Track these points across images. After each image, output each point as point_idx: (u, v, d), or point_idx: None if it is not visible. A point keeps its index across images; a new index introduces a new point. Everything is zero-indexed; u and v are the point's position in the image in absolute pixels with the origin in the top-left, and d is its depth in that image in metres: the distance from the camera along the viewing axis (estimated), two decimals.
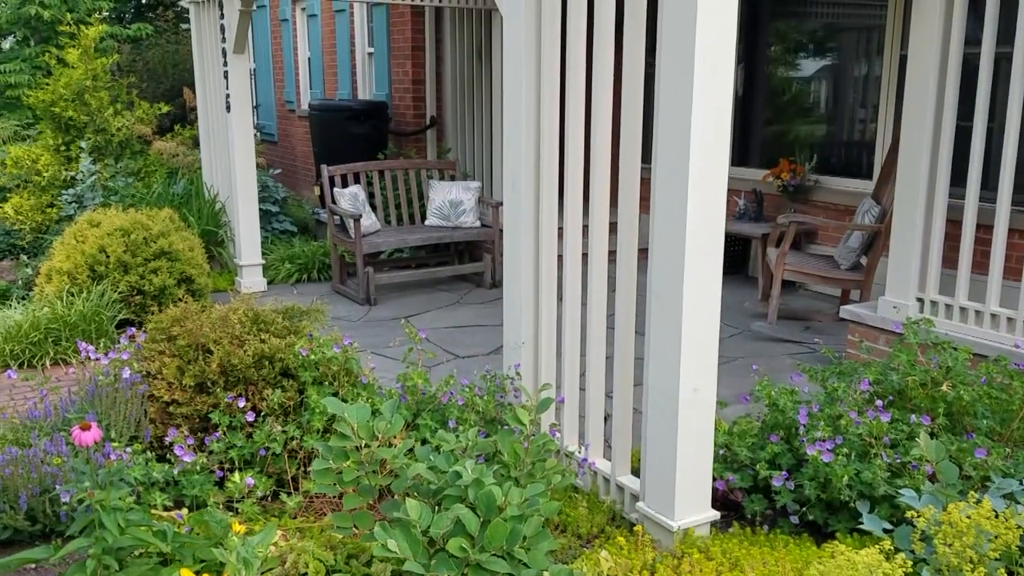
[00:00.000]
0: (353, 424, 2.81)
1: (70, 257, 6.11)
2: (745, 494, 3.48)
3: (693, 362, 3.05)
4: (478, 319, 6.67)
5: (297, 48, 12.58)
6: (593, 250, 3.52)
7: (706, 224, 2.96)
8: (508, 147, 3.81)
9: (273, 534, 2.42)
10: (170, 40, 13.21)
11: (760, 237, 6.94)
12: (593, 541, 3.35)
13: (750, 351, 5.68)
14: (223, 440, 3.70)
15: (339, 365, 4.00)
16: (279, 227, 9.20)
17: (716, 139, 2.91)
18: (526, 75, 3.63)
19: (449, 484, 2.70)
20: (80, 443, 2.67)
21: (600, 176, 3.46)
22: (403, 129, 9.54)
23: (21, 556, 2.98)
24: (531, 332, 3.89)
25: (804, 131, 7.55)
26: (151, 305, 6.08)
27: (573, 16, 3.49)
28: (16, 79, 12.07)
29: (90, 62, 9.10)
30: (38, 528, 3.45)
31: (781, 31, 7.68)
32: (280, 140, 13.48)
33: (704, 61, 2.82)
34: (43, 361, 5.55)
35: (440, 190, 7.76)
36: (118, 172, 8.89)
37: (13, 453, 3.46)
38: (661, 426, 3.16)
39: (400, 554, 2.42)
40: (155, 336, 4.07)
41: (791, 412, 3.53)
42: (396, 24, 9.50)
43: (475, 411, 3.87)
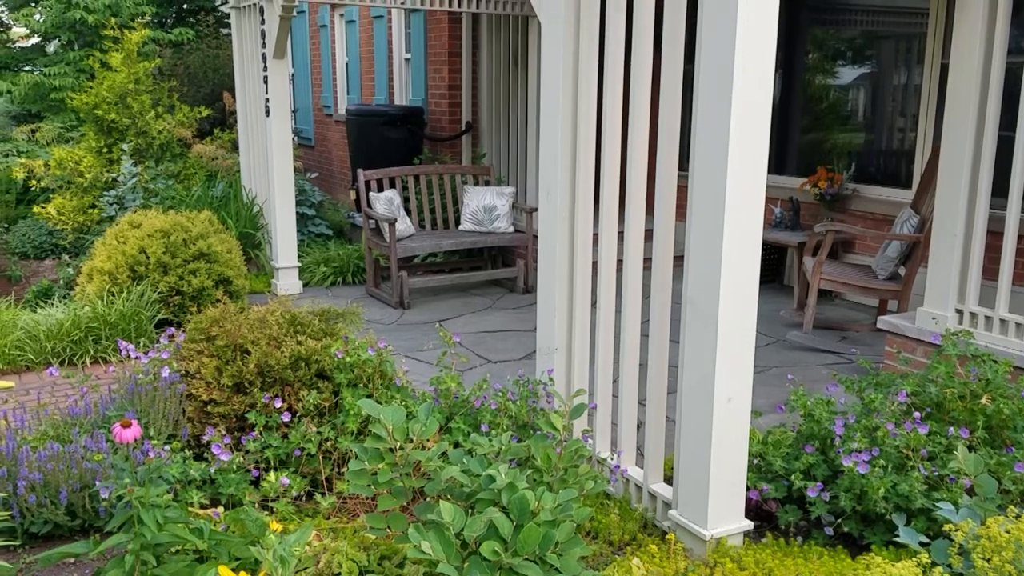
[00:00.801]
0: (388, 426, 2.83)
1: (111, 257, 6.21)
2: (779, 504, 3.45)
3: (728, 370, 3.04)
4: (510, 324, 6.68)
5: (335, 53, 12.70)
6: (628, 257, 3.52)
7: (743, 232, 2.95)
8: (544, 153, 3.82)
9: (309, 533, 2.44)
10: (211, 45, 13.39)
11: (796, 246, 6.88)
12: (625, 548, 3.34)
13: (785, 360, 5.64)
14: (259, 440, 3.74)
15: (374, 368, 4.04)
16: (315, 230, 9.29)
17: (754, 146, 2.90)
18: (563, 81, 3.64)
19: (482, 488, 2.71)
20: (120, 440, 2.71)
21: (636, 182, 3.46)
22: (438, 134, 9.59)
23: (61, 550, 3.04)
24: (564, 338, 3.89)
25: (842, 139, 7.48)
26: (189, 306, 6.17)
27: (611, 23, 3.50)
28: (60, 82, 12.29)
29: (132, 66, 9.26)
30: (77, 523, 3.51)
31: (819, 38, 7.63)
32: (317, 144, 13.61)
33: (743, 68, 2.81)
34: (84, 359, 5.65)
35: (474, 195, 7.79)
36: (158, 174, 9.03)
37: (54, 449, 3.53)
38: (695, 434, 3.15)
39: (433, 556, 2.43)
40: (194, 336, 4.13)
41: (827, 422, 3.50)
42: (433, 30, 9.56)
43: (508, 416, 3.88)
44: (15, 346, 5.58)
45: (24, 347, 5.60)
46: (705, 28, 2.90)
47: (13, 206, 10.34)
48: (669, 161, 3.28)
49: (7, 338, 5.58)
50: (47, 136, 12.02)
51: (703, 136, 2.95)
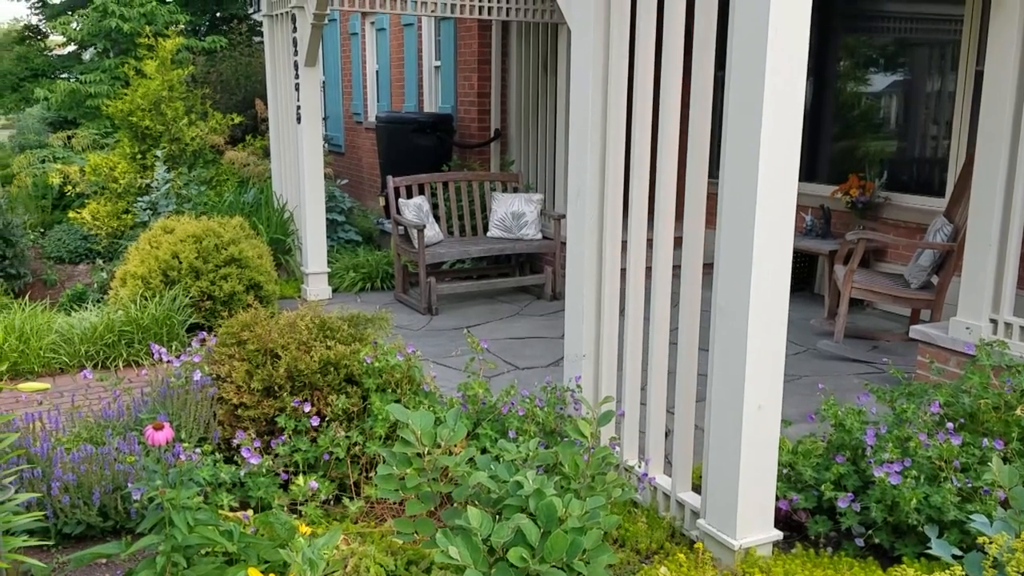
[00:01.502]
0: (417, 431, 2.84)
1: (144, 262, 6.29)
2: (809, 515, 3.42)
3: (758, 379, 3.02)
4: (538, 331, 6.68)
5: (366, 61, 12.80)
6: (657, 264, 3.51)
7: (774, 239, 2.93)
8: (573, 159, 3.82)
9: (337, 537, 2.46)
10: (243, 52, 13.55)
11: (827, 254, 6.82)
12: (652, 557, 3.33)
13: (815, 369, 5.59)
14: (288, 444, 3.77)
15: (402, 373, 4.05)
16: (344, 236, 9.35)
17: (786, 154, 2.89)
18: (593, 88, 3.65)
19: (510, 494, 2.71)
20: (153, 442, 2.75)
21: (666, 190, 3.45)
22: (467, 141, 9.62)
23: (94, 551, 3.08)
24: (592, 345, 3.89)
25: (874, 147, 7.41)
26: (220, 310, 6.24)
27: (642, 29, 3.50)
28: (96, 89, 12.49)
29: (166, 73, 9.39)
30: (109, 524, 3.55)
31: (851, 45, 7.57)
32: (347, 151, 13.71)
33: (775, 75, 2.80)
34: (116, 362, 5.73)
35: (503, 202, 7.81)
36: (191, 180, 9.14)
37: (88, 450, 3.58)
38: (724, 443, 3.13)
39: (461, 561, 2.44)
40: (225, 340, 4.18)
41: (858, 432, 3.46)
42: (463, 38, 9.61)
43: (535, 422, 3.88)
44: (50, 349, 5.67)
45: (58, 350, 5.68)
46: (736, 34, 2.89)
47: (49, 211, 10.51)
48: (699, 168, 3.27)
49: (42, 341, 5.66)
50: (83, 142, 12.21)
51: (733, 143, 2.94)
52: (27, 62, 14.88)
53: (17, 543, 2.84)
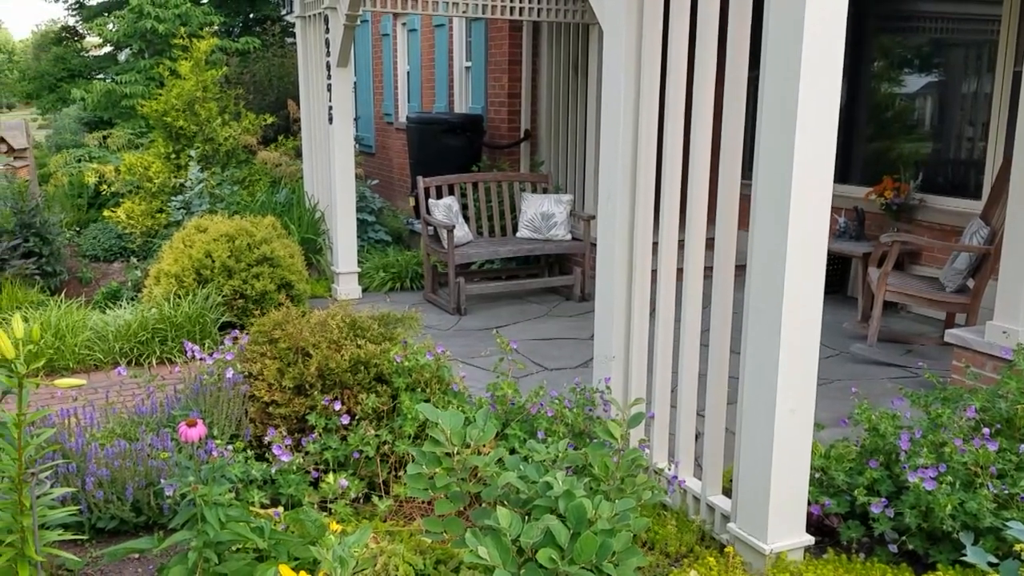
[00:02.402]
0: (446, 431, 2.85)
1: (178, 261, 6.36)
2: (841, 520, 3.38)
3: (791, 382, 2.99)
4: (567, 332, 6.67)
5: (397, 62, 12.85)
6: (689, 265, 3.49)
7: (808, 241, 2.91)
8: (604, 160, 3.81)
9: (367, 535, 2.47)
10: (276, 53, 13.66)
11: (861, 256, 6.75)
12: (682, 560, 3.31)
13: (848, 373, 5.52)
14: (319, 441, 3.79)
15: (431, 372, 4.06)
16: (374, 236, 9.39)
17: (820, 155, 2.86)
18: (625, 89, 3.63)
19: (539, 494, 2.71)
20: (186, 439, 2.77)
21: (698, 191, 3.43)
22: (497, 142, 9.63)
23: (127, 546, 3.11)
24: (622, 346, 3.87)
25: (908, 148, 7.32)
26: (252, 309, 6.29)
27: (674, 29, 3.48)
28: (131, 89, 12.65)
29: (200, 74, 9.48)
30: (142, 519, 3.60)
31: (886, 46, 7.48)
32: (377, 152, 13.77)
33: (810, 75, 2.77)
34: (150, 359, 5.79)
35: (532, 203, 7.80)
36: (224, 180, 9.23)
37: (122, 446, 3.62)
38: (755, 446, 3.10)
39: (490, 561, 2.44)
40: (257, 338, 4.21)
41: (892, 437, 3.42)
42: (494, 38, 9.61)
43: (564, 423, 3.87)
44: (85, 346, 5.75)
45: (93, 347, 5.76)
46: (770, 34, 2.87)
47: (85, 210, 10.65)
48: (732, 168, 3.25)
49: (77, 338, 5.75)
50: (118, 142, 12.38)
51: (767, 143, 2.91)
52: (64, 63, 15.11)
53: (52, 537, 2.88)
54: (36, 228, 7.64)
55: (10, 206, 7.82)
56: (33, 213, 7.70)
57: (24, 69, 17.10)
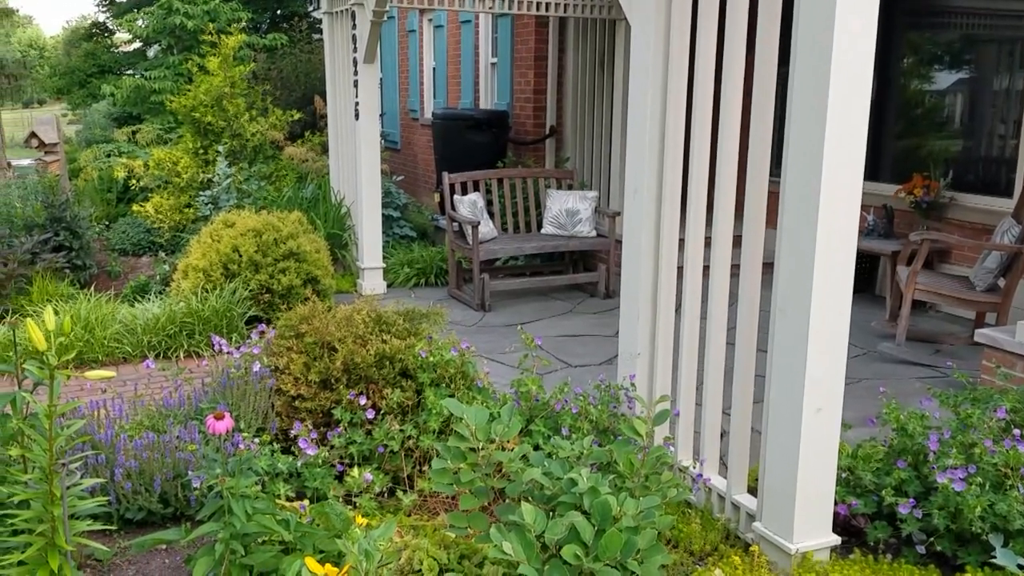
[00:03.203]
0: (471, 426, 2.85)
1: (205, 255, 6.41)
2: (868, 520, 3.35)
3: (818, 381, 2.97)
4: (591, 329, 6.66)
5: (423, 58, 12.87)
6: (715, 263, 3.47)
7: (837, 238, 2.88)
8: (630, 156, 3.79)
9: (393, 528, 2.48)
10: (303, 50, 13.73)
11: (890, 255, 6.68)
12: (706, 559, 3.29)
13: (876, 373, 5.47)
14: (344, 436, 3.81)
15: (456, 368, 4.07)
16: (399, 232, 9.42)
17: (850, 152, 2.83)
18: (652, 84, 3.62)
19: (564, 491, 2.71)
20: (213, 431, 2.80)
21: (726, 187, 3.41)
22: (523, 138, 9.62)
23: (155, 537, 3.15)
24: (647, 343, 3.86)
25: (939, 146, 7.23)
26: (279, 303, 6.33)
27: (703, 25, 3.46)
28: (160, 85, 12.77)
29: (229, 70, 9.55)
30: (169, 511, 3.63)
31: (916, 42, 7.39)
32: (403, 148, 13.81)
33: (840, 70, 2.75)
34: (178, 353, 5.85)
35: (557, 199, 7.79)
36: (251, 175, 9.29)
37: (150, 438, 3.66)
38: (782, 445, 3.08)
39: (514, 557, 2.44)
40: (284, 333, 4.24)
41: (920, 438, 3.38)
42: (520, 35, 9.61)
43: (588, 420, 3.86)
44: (114, 339, 5.81)
45: (122, 340, 5.82)
46: (801, 30, 2.84)
47: (114, 204, 10.77)
48: (760, 165, 3.22)
49: (106, 331, 5.81)
50: (147, 137, 12.50)
51: (797, 140, 2.89)
52: (94, 59, 15.27)
53: (82, 527, 2.92)
54: (66, 222, 7.73)
55: (41, 200, 7.92)
56: (63, 207, 7.80)
57: (55, 65, 17.29)
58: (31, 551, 2.72)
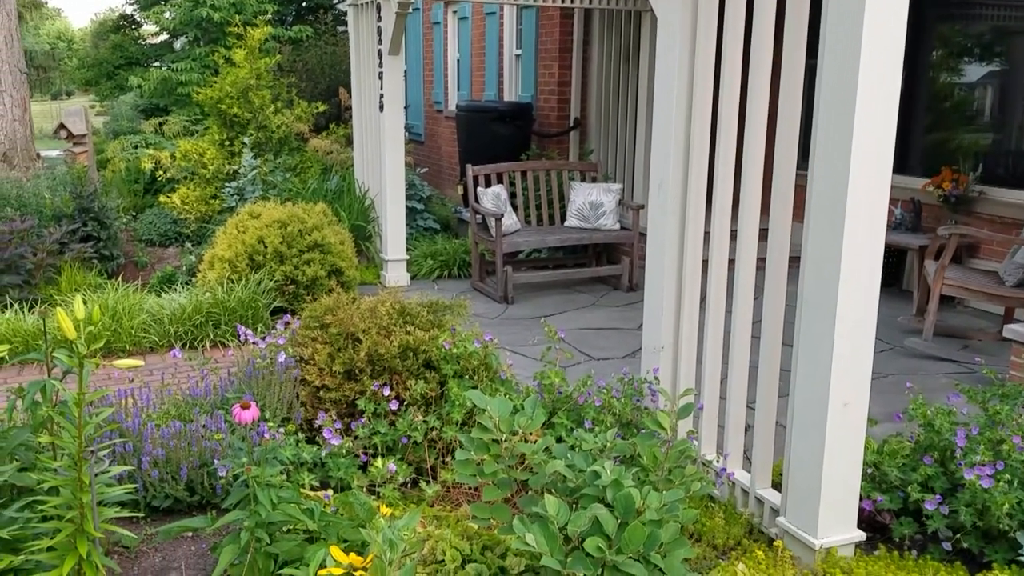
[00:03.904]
0: (495, 417, 2.86)
1: (231, 246, 6.46)
2: (893, 516, 3.33)
3: (845, 375, 2.95)
4: (614, 322, 6.64)
5: (447, 50, 12.87)
6: (741, 256, 3.45)
7: (865, 233, 2.85)
8: (655, 149, 3.78)
9: (416, 519, 2.49)
10: (328, 42, 13.76)
11: (917, 249, 6.61)
12: (729, 553, 3.28)
13: (903, 368, 5.42)
14: (368, 426, 3.83)
15: (479, 360, 4.08)
16: (423, 224, 9.44)
17: (879, 145, 2.80)
18: (678, 76, 3.59)
19: (587, 483, 2.71)
20: (239, 421, 2.82)
21: (752, 180, 3.38)
22: (547, 130, 9.60)
23: (181, 524, 3.18)
24: (671, 336, 3.85)
25: (968, 139, 7.14)
26: (303, 294, 6.36)
27: (730, 14, 3.43)
28: (187, 77, 12.84)
29: (254, 62, 9.59)
30: (195, 499, 3.67)
31: (945, 35, 7.30)
32: (427, 140, 13.83)
33: (870, 62, 2.72)
34: (204, 343, 5.90)
35: (581, 191, 7.77)
36: (277, 167, 9.34)
37: (176, 427, 3.70)
38: (807, 440, 3.06)
39: (537, 548, 2.44)
40: (309, 323, 4.26)
41: (947, 433, 3.35)
42: (545, 26, 9.58)
43: (611, 413, 3.86)
44: (141, 328, 5.87)
45: (149, 329, 5.88)
46: (830, 20, 2.81)
47: (141, 195, 10.86)
48: (787, 158, 3.20)
49: (134, 320, 5.87)
50: (173, 129, 12.59)
51: (825, 132, 2.86)
52: (122, 51, 15.38)
53: (110, 514, 2.96)
54: (94, 213, 7.81)
55: (69, 191, 8.00)
56: (91, 198, 7.87)
57: (83, 57, 17.43)
58: (60, 537, 2.76)
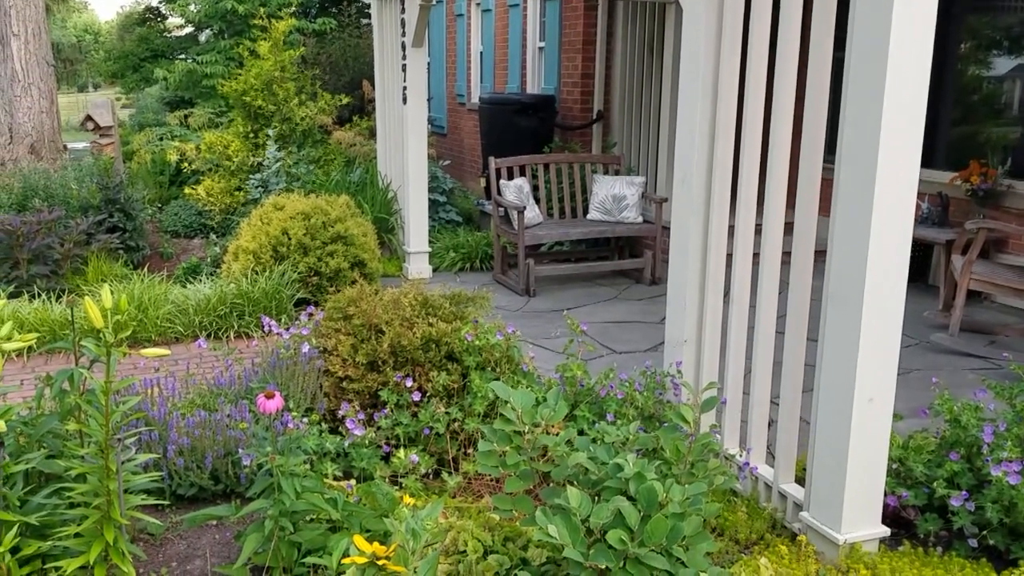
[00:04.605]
0: (518, 409, 2.86)
1: (255, 238, 6.50)
2: (918, 512, 3.30)
3: (870, 370, 2.93)
4: (636, 315, 6.62)
5: (471, 42, 12.86)
6: (766, 249, 3.42)
7: (892, 226, 2.83)
8: (680, 141, 3.76)
9: (439, 509, 2.50)
10: (352, 34, 13.79)
11: (944, 243, 6.54)
12: (752, 548, 3.27)
13: (928, 363, 5.37)
14: (390, 417, 3.85)
15: (501, 352, 4.08)
16: (445, 217, 9.45)
17: (908, 138, 2.77)
18: (703, 67, 3.57)
19: (609, 476, 2.70)
20: (264, 410, 2.84)
21: (778, 173, 3.36)
22: (570, 123, 9.58)
23: (206, 512, 3.22)
24: (694, 330, 3.83)
25: (996, 132, 7.04)
26: (326, 286, 6.40)
27: (757, 8, 3.40)
28: (212, 69, 12.92)
29: (279, 54, 9.64)
30: (220, 488, 3.70)
31: (974, 27, 7.20)
32: (449, 132, 13.84)
33: (898, 53, 2.69)
34: (228, 333, 5.94)
35: (604, 184, 7.75)
36: (300, 159, 9.38)
37: (201, 416, 3.73)
38: (831, 435, 3.04)
39: (559, 540, 2.44)
40: (332, 315, 4.28)
41: (974, 429, 3.32)
42: (568, 19, 9.55)
43: (634, 406, 3.85)
44: (166, 319, 5.92)
45: (174, 320, 5.93)
46: (858, 9, 2.78)
47: (166, 187, 10.95)
48: (814, 151, 3.17)
49: (159, 311, 5.92)
50: (198, 121, 12.68)
51: (852, 125, 2.84)
52: (147, 43, 15.50)
53: (136, 501, 2.99)
54: (120, 204, 7.88)
55: (96, 182, 8.08)
56: (118, 189, 7.95)
57: (109, 49, 17.60)
58: (87, 524, 2.79)
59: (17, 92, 10.08)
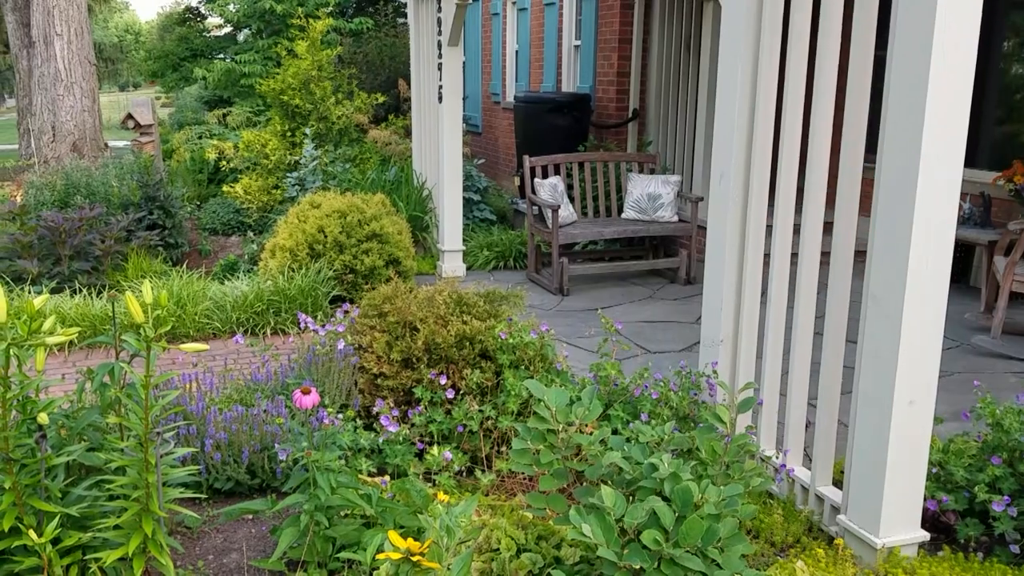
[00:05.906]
0: (552, 408, 2.85)
1: (292, 235, 6.55)
2: (958, 517, 3.24)
3: (911, 373, 2.88)
4: (671, 315, 6.58)
5: (506, 41, 12.87)
6: (804, 249, 3.38)
7: (934, 226, 2.78)
8: (717, 140, 3.73)
9: (473, 506, 2.50)
10: (388, 33, 13.86)
11: (986, 244, 6.43)
12: (787, 551, 3.23)
13: (969, 366, 5.28)
14: (424, 414, 3.86)
15: (535, 351, 4.08)
16: (479, 215, 9.46)
17: (950, 137, 2.72)
18: (742, 65, 3.54)
19: (644, 476, 2.69)
20: (300, 406, 2.86)
21: (817, 172, 3.32)
22: (605, 121, 9.55)
23: (242, 506, 3.25)
24: (731, 330, 3.80)
25: None
26: (362, 284, 6.43)
27: (797, 4, 3.36)
28: (250, 68, 13.04)
29: (316, 53, 9.71)
30: (256, 482, 3.74)
31: (1018, 24, 7.06)
32: (484, 131, 13.85)
33: (942, 51, 2.64)
34: (265, 330, 6.00)
35: (639, 183, 7.71)
36: (337, 158, 9.44)
37: (238, 411, 3.77)
38: (871, 438, 3.00)
39: (593, 539, 2.43)
40: (367, 312, 4.30)
41: (1017, 433, 3.25)
42: (604, 16, 9.52)
43: (668, 406, 3.83)
44: (204, 315, 6.00)
45: (212, 316, 6.00)
46: (901, 6, 2.74)
47: (205, 185, 11.08)
48: (854, 150, 3.13)
49: (197, 307, 6.00)
50: (236, 120, 12.81)
51: (894, 124, 2.79)
52: (187, 43, 15.68)
53: (174, 494, 3.02)
54: (160, 201, 7.98)
55: (136, 180, 8.20)
56: (158, 187, 8.06)
57: (150, 49, 17.82)
58: (126, 516, 2.83)
59: (60, 91, 10.26)
